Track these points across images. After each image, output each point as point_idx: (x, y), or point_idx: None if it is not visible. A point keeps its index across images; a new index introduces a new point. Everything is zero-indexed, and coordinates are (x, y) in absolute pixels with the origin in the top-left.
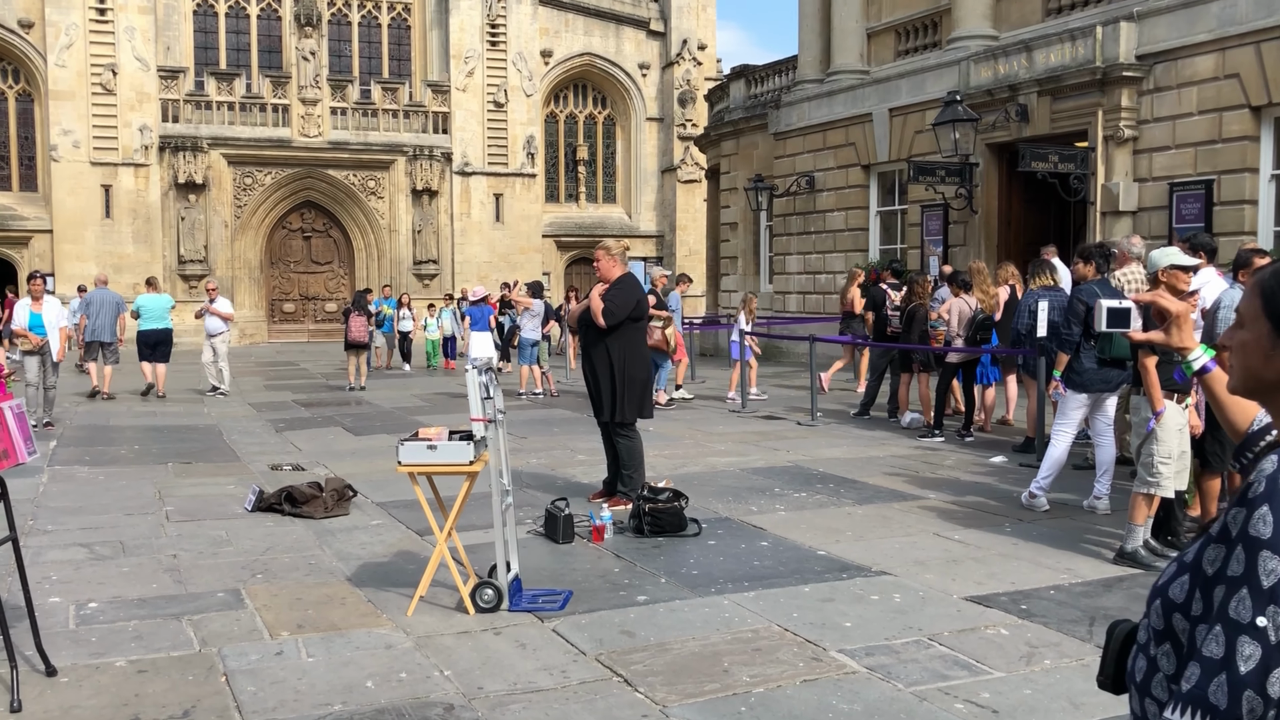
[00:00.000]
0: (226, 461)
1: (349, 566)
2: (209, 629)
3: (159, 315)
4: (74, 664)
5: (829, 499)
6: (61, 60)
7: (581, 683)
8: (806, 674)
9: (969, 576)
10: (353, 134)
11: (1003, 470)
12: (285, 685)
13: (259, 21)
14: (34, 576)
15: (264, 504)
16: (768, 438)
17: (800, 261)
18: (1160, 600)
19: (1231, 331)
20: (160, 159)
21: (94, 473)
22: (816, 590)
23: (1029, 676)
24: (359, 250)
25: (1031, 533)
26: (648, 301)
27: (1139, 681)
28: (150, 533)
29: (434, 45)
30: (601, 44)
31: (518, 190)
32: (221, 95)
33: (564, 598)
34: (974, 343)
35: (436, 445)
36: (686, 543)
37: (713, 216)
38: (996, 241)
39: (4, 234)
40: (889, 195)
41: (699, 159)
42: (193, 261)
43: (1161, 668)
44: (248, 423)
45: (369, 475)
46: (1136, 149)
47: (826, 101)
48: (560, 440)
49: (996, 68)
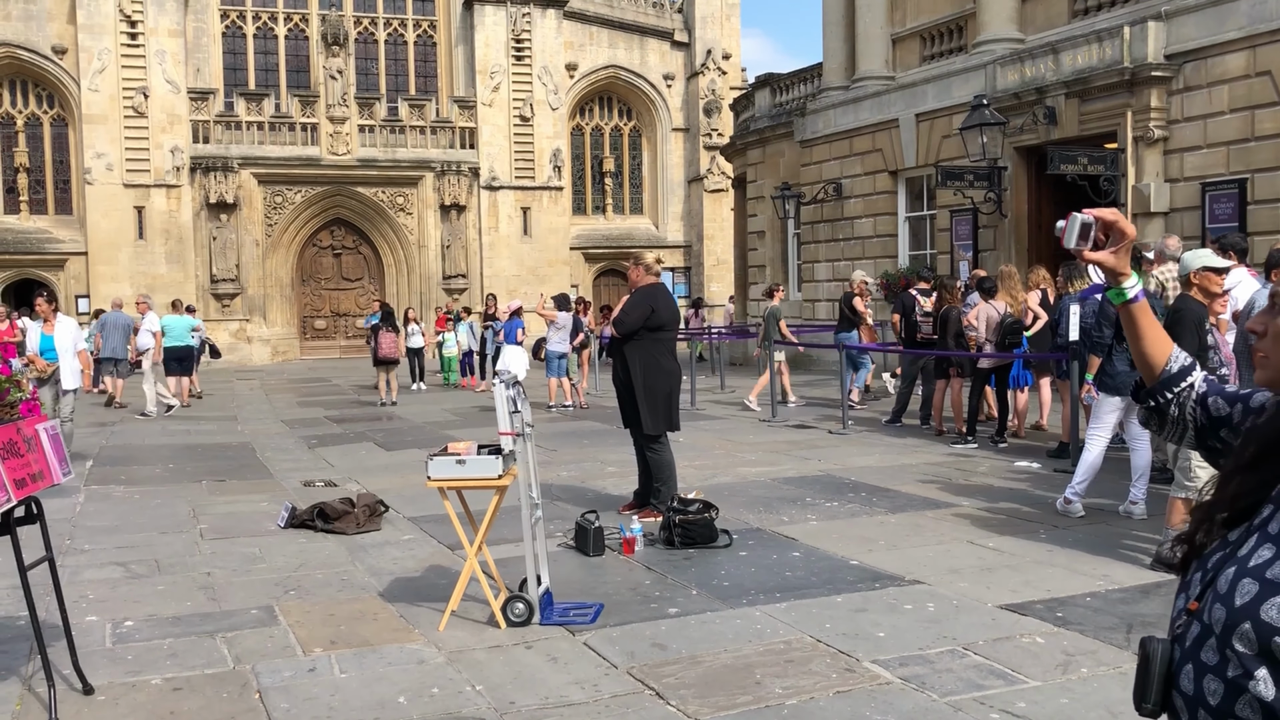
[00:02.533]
0: (259, 479)
1: (381, 582)
2: (243, 646)
3: (181, 334)
4: (110, 682)
5: (861, 508)
6: (94, 85)
7: (613, 696)
8: (840, 685)
9: (1004, 584)
10: (381, 151)
11: (1037, 476)
12: (318, 702)
13: (287, 42)
14: (71, 595)
15: (297, 520)
16: (798, 447)
17: (829, 269)
18: (1252, 623)
19: (1267, 317)
20: (192, 180)
21: (129, 491)
22: (849, 600)
23: (1066, 685)
24: (389, 266)
25: (1067, 539)
26: (669, 312)
27: (1216, 705)
28: (185, 551)
29: (459, 61)
30: (626, 56)
31: (545, 203)
32: (251, 115)
33: (595, 611)
34: (1004, 348)
35: (465, 460)
36: (718, 554)
37: (740, 225)
38: (1027, 245)
39: (40, 256)
40: (917, 201)
41: (725, 168)
42: (225, 280)
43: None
44: (280, 439)
45: (401, 490)
46: (1167, 149)
47: (852, 108)
48: (590, 452)
49: (1023, 70)
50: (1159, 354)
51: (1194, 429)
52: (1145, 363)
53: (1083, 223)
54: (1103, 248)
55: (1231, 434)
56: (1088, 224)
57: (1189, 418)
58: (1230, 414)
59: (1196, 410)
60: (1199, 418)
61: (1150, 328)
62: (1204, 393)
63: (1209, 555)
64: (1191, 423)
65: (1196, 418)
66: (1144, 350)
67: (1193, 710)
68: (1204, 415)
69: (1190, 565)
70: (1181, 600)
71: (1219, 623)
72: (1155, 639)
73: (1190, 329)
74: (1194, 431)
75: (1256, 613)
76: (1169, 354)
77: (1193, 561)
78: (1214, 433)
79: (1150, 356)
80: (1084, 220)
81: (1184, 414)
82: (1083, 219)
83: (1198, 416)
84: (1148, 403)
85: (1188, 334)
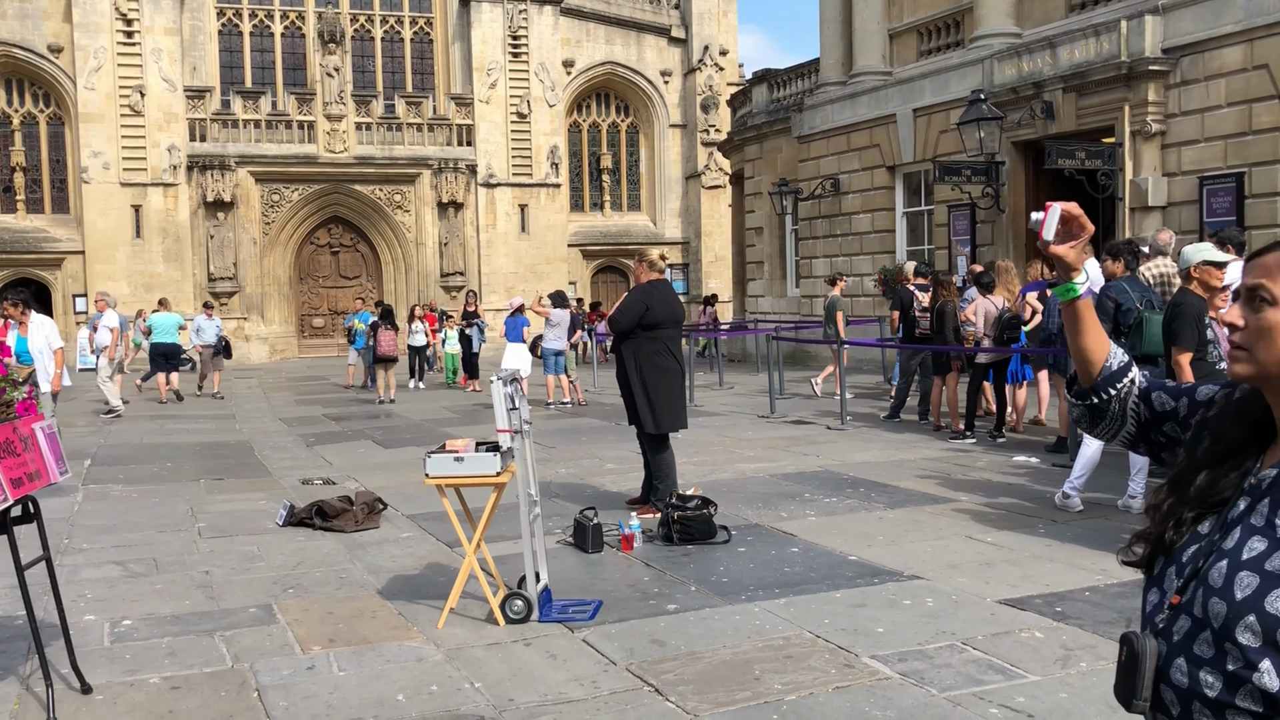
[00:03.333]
0: (258, 477)
1: (380, 580)
2: (241, 644)
3: (169, 331)
4: (109, 681)
5: (860, 503)
6: (90, 83)
7: (612, 693)
8: (839, 681)
9: (1003, 579)
10: (378, 149)
11: (1036, 471)
12: (317, 700)
13: (283, 39)
14: (69, 595)
15: (295, 519)
16: (797, 443)
17: (827, 265)
18: (1257, 616)
19: (1247, 310)
20: (189, 178)
21: (127, 491)
22: (848, 596)
23: (1065, 680)
24: (386, 264)
25: (1066, 534)
26: (665, 310)
27: (1214, 698)
28: (183, 549)
29: (456, 58)
30: (623, 52)
31: (542, 200)
32: (248, 113)
33: (594, 607)
34: (1003, 342)
35: (463, 457)
36: (716, 550)
37: (738, 221)
38: (1025, 240)
39: (38, 256)
40: (915, 196)
41: (723, 164)
42: (223, 279)
43: (1264, 684)
44: (279, 438)
45: (399, 488)
46: (1165, 143)
47: (850, 103)
48: (589, 450)
49: (1020, 65)
50: (1100, 351)
51: (1136, 424)
52: (1086, 359)
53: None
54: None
55: (1177, 427)
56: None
57: (1131, 413)
58: (1176, 408)
59: (1140, 405)
60: (1142, 413)
61: (1093, 324)
62: (1145, 388)
63: (1179, 550)
64: (1134, 418)
65: (1140, 413)
66: (1087, 346)
67: (1186, 703)
68: (1147, 410)
69: (1155, 561)
70: (1155, 595)
71: (1218, 616)
72: (1138, 634)
73: (1190, 323)
74: (1136, 427)
75: (1261, 605)
76: (1108, 351)
77: (1158, 557)
78: (1157, 427)
79: (1092, 353)
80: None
81: (1125, 410)
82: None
83: (1141, 411)
84: (1090, 399)
85: (1188, 328)
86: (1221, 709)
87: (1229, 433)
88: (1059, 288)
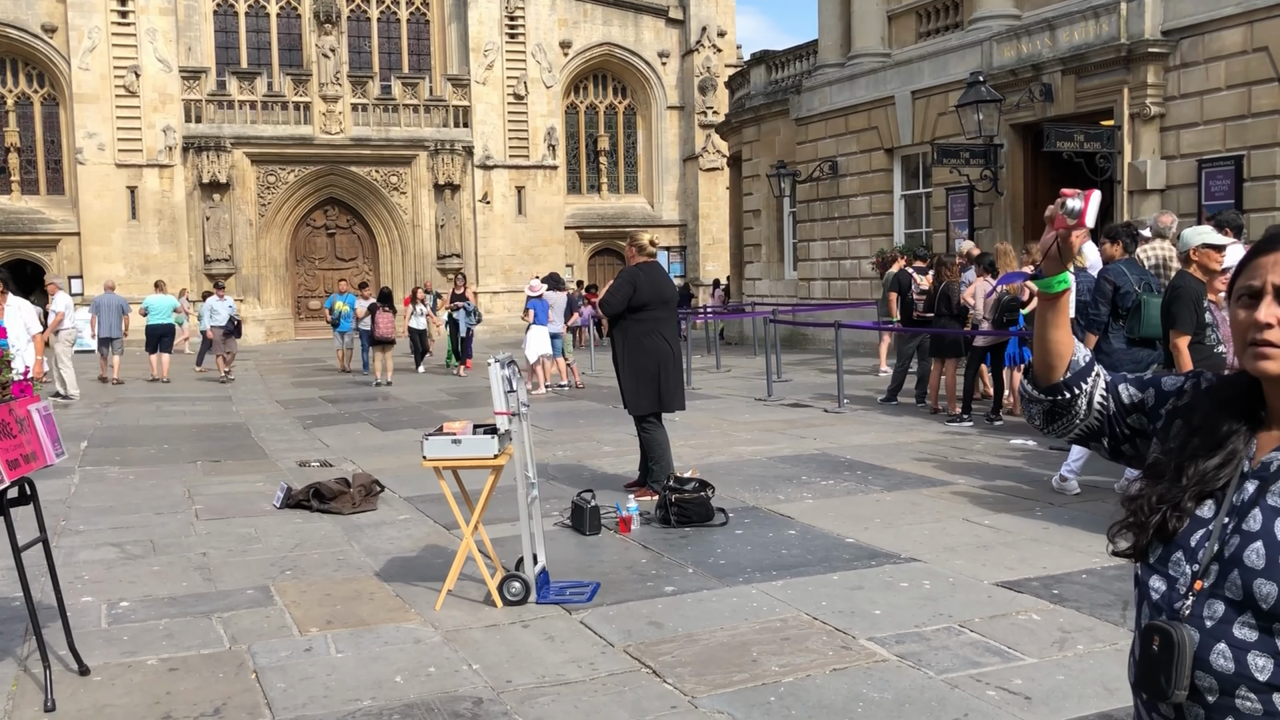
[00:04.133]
0: (255, 459)
1: (377, 562)
2: (239, 626)
3: (163, 312)
4: (106, 663)
5: (857, 486)
6: (85, 63)
7: (610, 674)
8: (836, 663)
9: (1000, 562)
10: (374, 130)
11: (1033, 454)
12: (315, 681)
13: (279, 20)
14: (66, 576)
15: (292, 501)
16: (794, 425)
17: (825, 248)
18: None
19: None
20: (184, 159)
21: (124, 473)
22: (845, 578)
23: (1062, 662)
24: (383, 246)
25: (1063, 516)
26: (652, 292)
27: (1266, 680)
28: (180, 531)
29: (453, 39)
30: (620, 33)
31: (539, 182)
32: (243, 94)
33: (591, 589)
34: (1001, 325)
35: (461, 439)
36: (714, 533)
37: (736, 204)
38: (1023, 223)
39: (33, 237)
40: (913, 179)
41: (721, 146)
42: (219, 261)
43: None
44: (275, 420)
45: (396, 470)
46: (1164, 126)
47: (848, 85)
48: (586, 432)
49: (1019, 47)
50: (1069, 345)
51: (1102, 417)
52: (1057, 352)
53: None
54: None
55: (1144, 418)
56: None
57: (1099, 406)
58: (1144, 399)
59: (1107, 398)
60: (1110, 406)
61: (1068, 318)
62: (1110, 381)
63: (1184, 535)
64: (1101, 411)
65: (1107, 406)
66: (1061, 340)
67: (1230, 688)
68: (1115, 403)
69: (1149, 549)
70: (1160, 582)
71: (1268, 598)
72: (1172, 624)
73: (1188, 306)
74: (1100, 420)
75: None
76: (1074, 345)
77: (1153, 545)
78: (1122, 420)
79: (1063, 346)
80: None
81: (1092, 404)
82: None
83: (1109, 405)
84: (1062, 394)
85: (1185, 311)
86: (1271, 690)
87: (1220, 421)
88: (1054, 278)
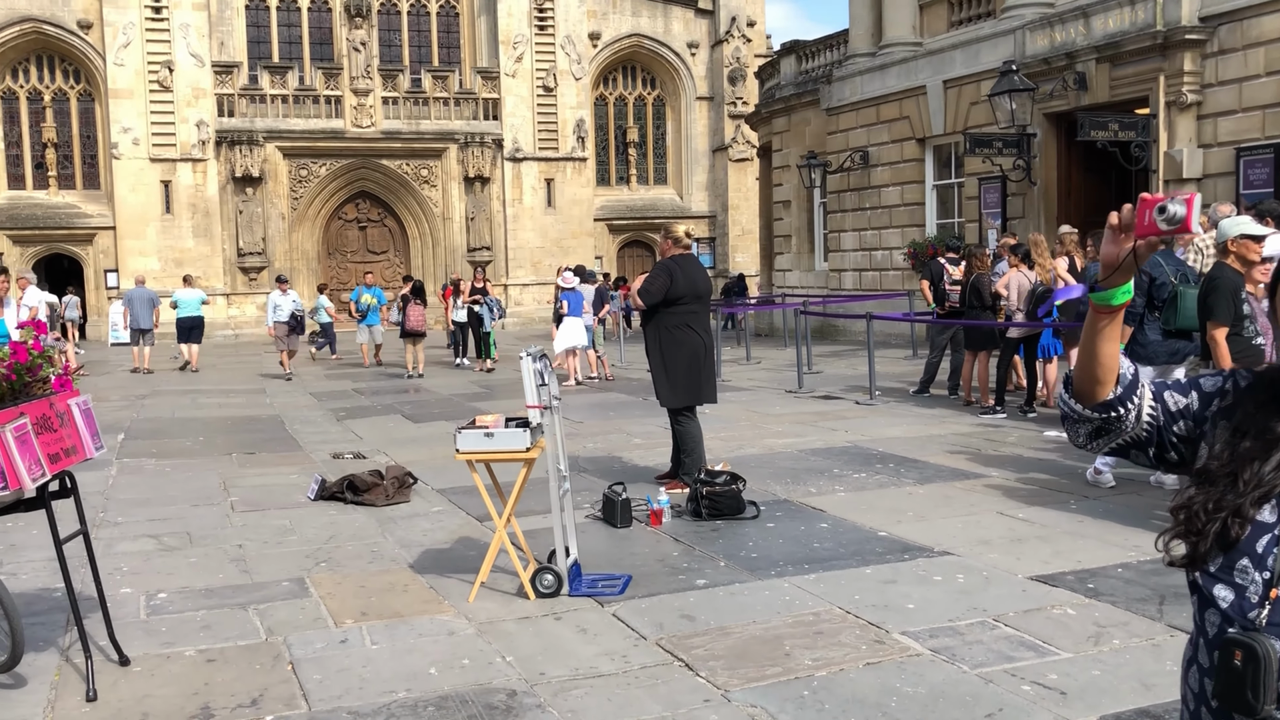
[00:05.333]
0: (289, 451)
1: (411, 554)
2: (275, 618)
3: (193, 306)
4: (146, 653)
5: (889, 479)
6: (119, 59)
7: (643, 667)
8: (869, 657)
9: (1034, 555)
10: (404, 123)
11: (1066, 447)
12: (350, 673)
13: (310, 14)
14: (105, 568)
15: (326, 493)
16: (825, 418)
17: (855, 238)
18: None
19: None
20: (217, 153)
21: (161, 465)
22: (878, 572)
23: (1098, 657)
24: (414, 239)
25: (1097, 509)
26: (687, 284)
27: None
28: (216, 523)
29: (482, 31)
30: (650, 24)
31: (569, 174)
32: (275, 88)
33: (623, 582)
34: (1034, 317)
35: (493, 433)
36: (745, 525)
37: (765, 195)
38: (1056, 212)
39: (70, 231)
40: (945, 169)
41: (750, 137)
42: (252, 254)
43: None
44: (309, 412)
45: (429, 462)
46: (1201, 114)
47: (879, 75)
48: (616, 424)
49: (1053, 35)
50: (1118, 359)
51: (1152, 428)
52: (1108, 366)
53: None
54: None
55: (1189, 424)
56: None
57: (1149, 417)
58: (1188, 404)
59: (1156, 408)
60: (1159, 415)
61: (1119, 332)
62: (1156, 390)
63: (1248, 541)
64: (1152, 421)
65: (1157, 416)
66: (1111, 354)
67: None
68: (1164, 411)
69: (1209, 557)
70: (1227, 590)
71: None
72: (1251, 637)
73: (1226, 297)
74: (1149, 430)
75: None
76: (1122, 359)
77: (1212, 553)
78: (1169, 427)
79: (1114, 360)
80: None
81: (1141, 416)
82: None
83: (1158, 414)
84: (1116, 409)
85: (1223, 302)
86: None
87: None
88: (1118, 289)
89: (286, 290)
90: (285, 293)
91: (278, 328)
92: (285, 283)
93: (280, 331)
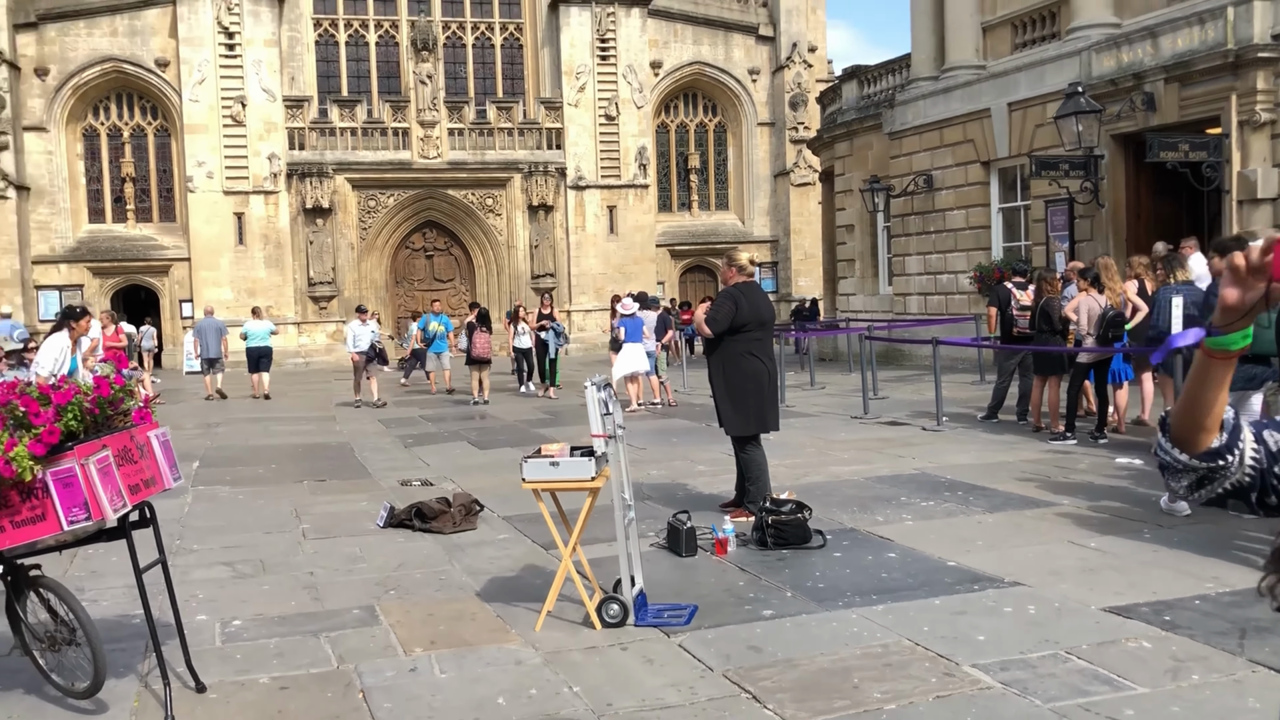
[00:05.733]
0: (358, 478)
1: (478, 582)
2: (346, 646)
3: (261, 336)
4: (221, 680)
5: (958, 507)
6: (194, 95)
7: (710, 699)
8: (939, 690)
9: (1107, 586)
10: (470, 153)
11: (1139, 473)
12: (420, 702)
13: (377, 48)
14: (182, 595)
15: (395, 520)
16: (891, 444)
17: (920, 262)
18: None
19: None
20: (288, 186)
21: (234, 492)
22: (947, 603)
23: (1176, 693)
24: (479, 267)
25: (1173, 539)
26: (752, 311)
27: None
28: (288, 550)
29: (545, 63)
30: (710, 52)
31: (630, 201)
32: (344, 121)
33: (689, 612)
34: (1105, 341)
35: (559, 462)
36: (811, 555)
37: (828, 219)
38: (1125, 235)
39: (146, 263)
40: (1010, 191)
41: (812, 162)
42: (322, 284)
43: None
44: (378, 439)
45: (495, 489)
46: (1275, 133)
47: (942, 98)
48: (680, 451)
49: (1120, 56)
50: (1224, 407)
51: (1255, 471)
52: (1214, 414)
53: None
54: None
55: None
56: None
57: (1251, 462)
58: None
59: (1259, 450)
60: (1262, 458)
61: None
62: (1256, 432)
63: None
64: (1255, 466)
65: (1260, 460)
66: (1219, 400)
67: None
68: (1266, 454)
69: None
70: None
71: None
72: None
73: None
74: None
75: None
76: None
77: None
78: (1271, 470)
79: (1221, 408)
80: None
81: (1244, 460)
82: None
83: (1261, 457)
84: (1224, 458)
85: None
86: None
87: None
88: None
89: (366, 320)
90: (365, 323)
91: (358, 357)
92: (365, 312)
93: (359, 361)
